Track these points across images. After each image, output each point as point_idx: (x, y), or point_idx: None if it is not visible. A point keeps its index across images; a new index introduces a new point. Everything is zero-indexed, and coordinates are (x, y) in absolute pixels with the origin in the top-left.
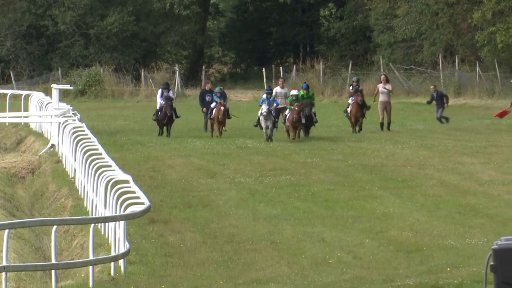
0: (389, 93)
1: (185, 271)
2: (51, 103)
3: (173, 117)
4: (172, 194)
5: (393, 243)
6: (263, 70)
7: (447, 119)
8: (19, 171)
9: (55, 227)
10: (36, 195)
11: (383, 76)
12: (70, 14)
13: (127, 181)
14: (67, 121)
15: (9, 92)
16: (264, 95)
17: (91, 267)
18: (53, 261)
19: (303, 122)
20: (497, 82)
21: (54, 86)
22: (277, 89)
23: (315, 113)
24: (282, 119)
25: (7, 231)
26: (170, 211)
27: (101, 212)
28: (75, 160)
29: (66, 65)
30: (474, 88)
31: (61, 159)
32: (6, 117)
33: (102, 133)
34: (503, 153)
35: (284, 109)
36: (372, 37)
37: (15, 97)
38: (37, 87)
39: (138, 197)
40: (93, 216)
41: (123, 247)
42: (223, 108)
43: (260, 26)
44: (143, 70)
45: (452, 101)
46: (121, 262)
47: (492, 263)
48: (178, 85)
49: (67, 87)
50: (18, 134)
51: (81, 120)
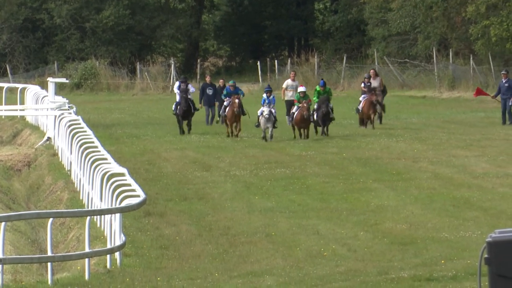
0: (380, 86)
1: (181, 264)
2: (47, 96)
3: (192, 110)
4: (167, 187)
5: (388, 236)
6: (258, 63)
7: None
8: (15, 164)
9: (51, 219)
10: (32, 188)
11: (372, 70)
12: (66, 7)
13: (122, 174)
14: (63, 114)
15: (5, 85)
16: (264, 95)
17: (87, 260)
18: (49, 254)
19: (312, 120)
20: (490, 75)
21: (50, 79)
22: (288, 82)
23: (332, 109)
24: (288, 119)
25: (3, 223)
26: (165, 204)
27: (97, 204)
28: (71, 153)
29: (62, 59)
30: (468, 81)
31: (57, 152)
32: (2, 110)
33: (97, 126)
34: (496, 146)
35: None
36: (366, 30)
37: (11, 91)
38: (33, 81)
39: (133, 190)
40: (89, 208)
41: (119, 239)
42: (237, 100)
43: (255, 19)
44: (138, 63)
45: (446, 95)
46: (117, 254)
47: (486, 256)
48: (173, 78)
49: (63, 80)
50: (14, 127)
51: (77, 113)
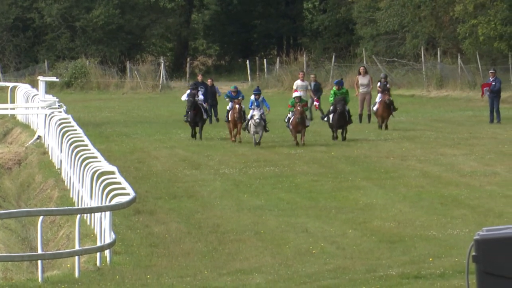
0: (369, 84)
1: (170, 261)
2: (38, 95)
3: (204, 116)
4: (157, 185)
5: (376, 234)
6: (247, 62)
7: None
8: (5, 162)
9: (41, 217)
10: (22, 186)
11: (362, 68)
12: (56, 6)
13: (112, 172)
14: (53, 112)
15: None
16: (252, 97)
17: (77, 258)
18: (40, 252)
19: (307, 125)
20: (478, 74)
21: (40, 78)
22: (298, 82)
23: (349, 112)
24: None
25: None
26: (155, 202)
27: (87, 203)
28: (61, 151)
29: (52, 58)
30: (456, 80)
31: (47, 150)
32: None
33: (88, 125)
34: (484, 144)
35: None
36: (355, 29)
37: (2, 89)
38: (23, 79)
39: (123, 188)
40: (79, 207)
41: (108, 237)
42: (238, 106)
43: (244, 18)
44: (128, 62)
45: (434, 93)
46: (107, 252)
47: (474, 254)
48: (163, 77)
49: (53, 79)
50: (4, 125)
51: (67, 111)
